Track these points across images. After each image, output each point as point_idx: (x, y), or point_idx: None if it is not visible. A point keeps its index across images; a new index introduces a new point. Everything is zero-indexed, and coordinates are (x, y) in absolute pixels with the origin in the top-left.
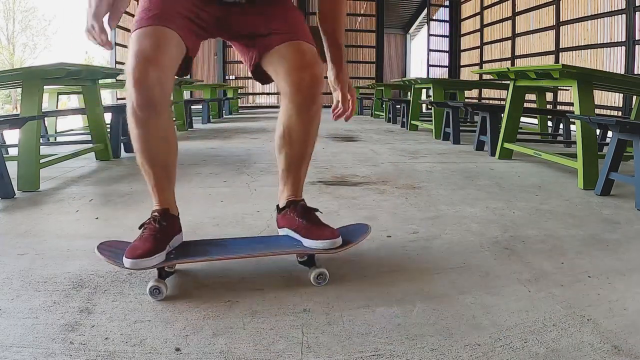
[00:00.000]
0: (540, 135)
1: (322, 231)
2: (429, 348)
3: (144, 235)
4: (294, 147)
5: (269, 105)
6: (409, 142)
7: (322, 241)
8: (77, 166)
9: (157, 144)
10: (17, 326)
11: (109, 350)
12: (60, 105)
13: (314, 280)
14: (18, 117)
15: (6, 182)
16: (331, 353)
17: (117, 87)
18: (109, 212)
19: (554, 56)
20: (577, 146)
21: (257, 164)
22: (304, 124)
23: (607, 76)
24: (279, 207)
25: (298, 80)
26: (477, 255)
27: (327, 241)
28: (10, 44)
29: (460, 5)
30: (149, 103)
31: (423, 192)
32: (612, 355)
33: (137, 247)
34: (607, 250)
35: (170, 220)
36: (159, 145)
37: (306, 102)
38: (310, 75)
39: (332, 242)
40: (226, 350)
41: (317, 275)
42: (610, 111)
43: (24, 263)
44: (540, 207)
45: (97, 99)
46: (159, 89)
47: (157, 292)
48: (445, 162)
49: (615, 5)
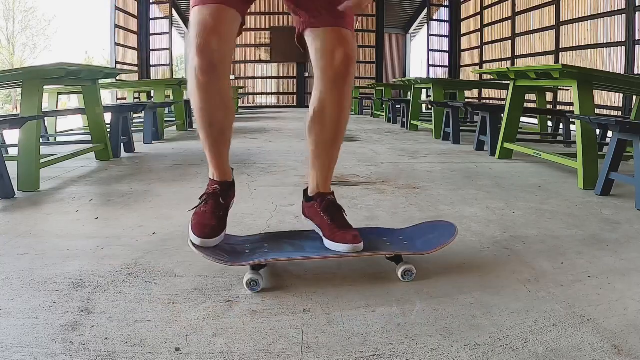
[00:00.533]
0: (540, 135)
1: (345, 235)
2: (429, 348)
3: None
4: (325, 125)
5: (269, 105)
6: (409, 142)
7: (344, 245)
8: (77, 166)
9: (216, 107)
10: (17, 326)
11: (109, 350)
12: (60, 105)
13: (401, 276)
14: (18, 117)
15: (6, 182)
16: (331, 353)
17: (117, 87)
18: (109, 212)
19: (554, 56)
20: (577, 146)
21: (257, 164)
22: (336, 100)
23: (607, 76)
24: (307, 195)
25: (331, 57)
26: (477, 255)
27: (349, 246)
28: (10, 44)
29: (460, 5)
30: (210, 67)
31: (423, 192)
32: (612, 355)
33: (205, 225)
34: (607, 250)
35: (228, 193)
36: (217, 108)
37: (338, 78)
38: (343, 53)
39: (353, 247)
40: (226, 350)
41: (404, 271)
42: (610, 111)
43: (24, 263)
44: (540, 207)
45: (97, 99)
46: (219, 55)
47: (255, 284)
48: (445, 162)
49: (615, 5)
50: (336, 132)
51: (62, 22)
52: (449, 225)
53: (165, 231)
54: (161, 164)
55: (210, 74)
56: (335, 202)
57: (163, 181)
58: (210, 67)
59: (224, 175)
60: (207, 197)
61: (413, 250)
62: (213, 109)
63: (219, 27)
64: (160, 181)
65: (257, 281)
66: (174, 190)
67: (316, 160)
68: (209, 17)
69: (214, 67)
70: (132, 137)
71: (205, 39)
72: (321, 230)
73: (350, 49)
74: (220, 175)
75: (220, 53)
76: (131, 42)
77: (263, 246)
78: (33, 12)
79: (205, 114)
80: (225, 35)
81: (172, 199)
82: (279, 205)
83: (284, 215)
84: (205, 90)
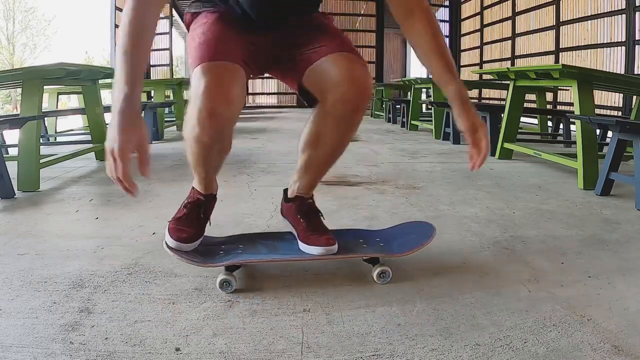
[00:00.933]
0: (540, 135)
1: (318, 238)
2: (429, 348)
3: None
4: (319, 152)
5: (269, 105)
6: (409, 142)
7: (317, 247)
8: (77, 166)
9: (214, 156)
10: (17, 326)
11: (109, 350)
12: (60, 105)
13: (376, 278)
14: (18, 117)
15: (6, 182)
16: (331, 353)
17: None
18: (109, 212)
19: (554, 56)
20: (577, 146)
21: (257, 164)
22: (340, 133)
23: (607, 76)
24: (287, 196)
25: (343, 90)
26: (477, 255)
27: (321, 248)
28: (10, 44)
29: (460, 5)
30: (220, 136)
31: (423, 192)
32: (612, 355)
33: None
34: (607, 250)
35: (210, 205)
36: (215, 157)
37: (350, 112)
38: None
39: (326, 250)
40: (226, 350)
41: (380, 272)
42: (610, 111)
43: (24, 263)
44: (540, 207)
45: (97, 99)
46: (229, 124)
47: (227, 285)
48: (445, 162)
49: (615, 5)
50: (332, 158)
51: (62, 22)
52: (427, 226)
53: (165, 231)
54: (161, 164)
55: (219, 140)
56: (314, 205)
57: (163, 181)
58: (220, 136)
59: (210, 188)
60: (190, 205)
61: (389, 252)
62: (211, 157)
63: (229, 94)
64: (160, 181)
65: (230, 282)
66: (174, 190)
67: (304, 172)
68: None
69: (223, 136)
70: None
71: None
72: (296, 233)
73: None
74: (207, 189)
75: (231, 120)
76: None
77: (238, 247)
78: (33, 12)
79: (204, 165)
80: (236, 103)
81: (172, 199)
82: (279, 205)
83: None
84: (210, 150)
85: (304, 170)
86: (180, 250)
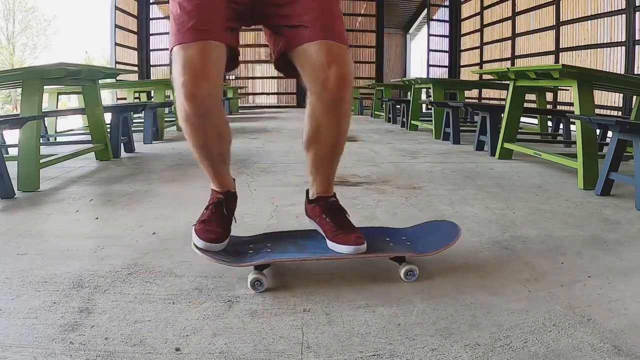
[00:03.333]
0: (540, 135)
1: (347, 236)
2: (429, 348)
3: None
4: (322, 146)
5: (269, 105)
6: (409, 142)
7: (347, 246)
8: (77, 166)
9: (213, 139)
10: (17, 326)
11: (109, 350)
12: (60, 105)
13: (403, 276)
14: (18, 117)
15: (6, 182)
16: (331, 353)
17: (117, 87)
18: (109, 212)
19: (554, 56)
20: (577, 146)
21: (257, 164)
22: (333, 123)
23: (607, 76)
24: (309, 198)
25: (324, 78)
26: (477, 255)
27: (352, 247)
28: (10, 44)
29: (460, 5)
30: (204, 112)
31: (423, 192)
32: (612, 355)
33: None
34: (607, 250)
35: (231, 203)
36: (214, 140)
37: (334, 101)
38: (337, 74)
39: (356, 249)
40: (226, 350)
41: (407, 271)
42: (610, 111)
43: (24, 263)
44: (540, 207)
45: (97, 99)
46: (211, 100)
47: (259, 284)
48: (445, 162)
49: (615, 5)
50: (335, 150)
51: (62, 22)
52: (452, 226)
53: (165, 231)
54: (161, 164)
55: (205, 117)
56: (337, 203)
57: (163, 181)
58: (203, 112)
59: (227, 186)
60: (212, 206)
61: (416, 251)
62: (210, 142)
63: (207, 71)
64: (161, 181)
65: (261, 281)
66: (174, 190)
67: (316, 171)
68: (197, 61)
69: (207, 111)
70: (132, 137)
71: (194, 86)
72: (324, 232)
73: (345, 67)
74: (223, 187)
75: (212, 97)
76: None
77: (266, 246)
78: (33, 12)
79: (204, 149)
80: (215, 78)
81: (172, 199)
82: (279, 205)
83: (284, 215)
84: (200, 130)
85: (315, 168)
86: (210, 250)
